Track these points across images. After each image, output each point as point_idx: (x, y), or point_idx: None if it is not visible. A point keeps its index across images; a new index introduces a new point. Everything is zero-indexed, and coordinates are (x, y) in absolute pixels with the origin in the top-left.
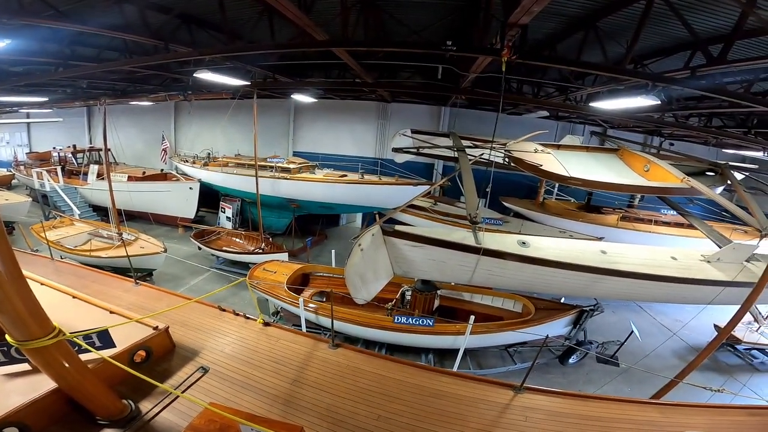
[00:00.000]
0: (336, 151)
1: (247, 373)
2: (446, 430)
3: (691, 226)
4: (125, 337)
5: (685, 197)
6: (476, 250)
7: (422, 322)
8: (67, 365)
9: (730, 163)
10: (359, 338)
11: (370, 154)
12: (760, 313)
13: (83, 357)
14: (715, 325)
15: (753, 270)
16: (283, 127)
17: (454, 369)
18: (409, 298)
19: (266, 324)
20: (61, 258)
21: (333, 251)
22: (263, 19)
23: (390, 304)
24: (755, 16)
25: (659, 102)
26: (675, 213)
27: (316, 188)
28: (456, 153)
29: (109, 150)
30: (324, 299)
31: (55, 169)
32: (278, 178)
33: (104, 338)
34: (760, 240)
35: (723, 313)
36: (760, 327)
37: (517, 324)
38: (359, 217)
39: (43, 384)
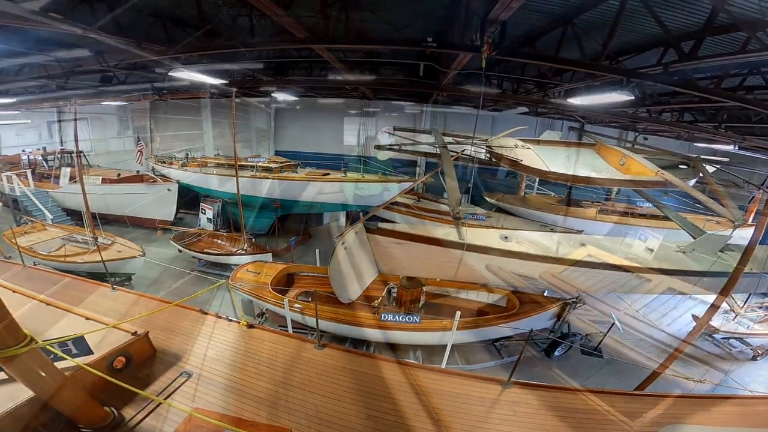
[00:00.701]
0: (318, 150)
1: (231, 376)
2: (436, 428)
3: (666, 218)
4: (103, 343)
5: (659, 190)
6: (460, 246)
7: (409, 318)
8: (42, 374)
9: (702, 157)
10: (347, 337)
11: (353, 152)
12: (736, 303)
13: (61, 365)
14: (693, 315)
15: (727, 260)
16: (264, 126)
17: (443, 365)
18: (395, 295)
19: (250, 326)
20: (34, 264)
21: (318, 250)
22: (242, 17)
23: (376, 301)
24: (726, 13)
25: (633, 98)
26: (650, 205)
27: (299, 187)
28: (438, 149)
29: (82, 152)
30: (309, 299)
31: (25, 172)
32: (260, 177)
33: (80, 345)
34: (732, 230)
35: (700, 303)
36: (736, 316)
37: (503, 318)
38: (343, 215)
39: (21, 393)
